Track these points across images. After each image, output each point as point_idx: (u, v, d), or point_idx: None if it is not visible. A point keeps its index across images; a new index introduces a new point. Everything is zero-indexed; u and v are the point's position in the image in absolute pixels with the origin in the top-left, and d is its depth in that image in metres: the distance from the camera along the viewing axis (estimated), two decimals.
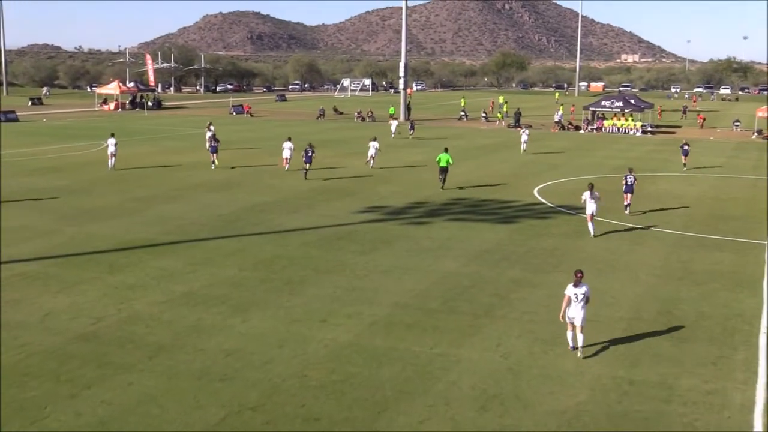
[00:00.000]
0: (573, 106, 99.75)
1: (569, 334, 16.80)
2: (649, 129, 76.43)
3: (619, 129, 76.80)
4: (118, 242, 26.14)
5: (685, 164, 47.72)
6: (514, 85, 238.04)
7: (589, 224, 28.32)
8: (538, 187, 39.61)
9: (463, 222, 30.56)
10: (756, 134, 74.61)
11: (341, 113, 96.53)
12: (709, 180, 43.79)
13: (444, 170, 38.22)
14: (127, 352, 16.34)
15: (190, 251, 25.06)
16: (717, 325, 18.69)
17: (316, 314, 18.92)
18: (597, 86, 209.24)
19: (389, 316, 18.87)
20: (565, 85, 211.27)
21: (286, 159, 43.40)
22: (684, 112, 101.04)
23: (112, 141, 43.64)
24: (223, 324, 18.14)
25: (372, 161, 45.31)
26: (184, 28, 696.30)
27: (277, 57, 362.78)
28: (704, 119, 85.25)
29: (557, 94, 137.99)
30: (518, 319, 18.84)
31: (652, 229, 29.97)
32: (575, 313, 16.42)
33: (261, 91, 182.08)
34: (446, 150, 39.26)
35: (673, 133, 77.90)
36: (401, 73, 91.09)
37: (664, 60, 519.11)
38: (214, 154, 44.61)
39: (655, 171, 46.57)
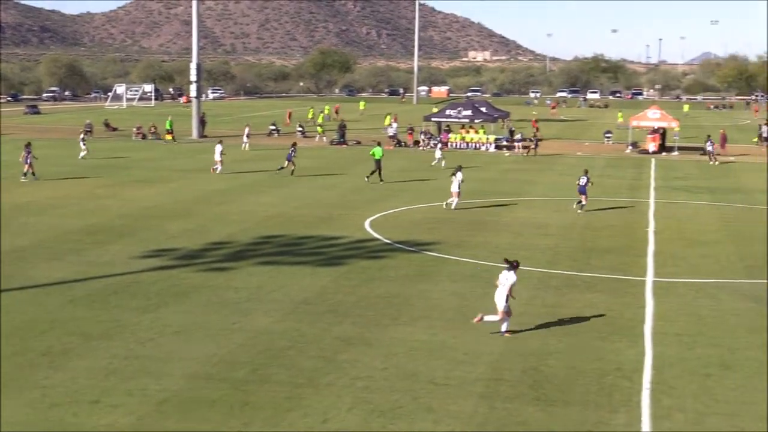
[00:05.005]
0: (396, 115, 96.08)
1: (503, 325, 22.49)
2: (505, 143, 79.35)
3: (468, 144, 79.20)
4: None
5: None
6: (337, 90, 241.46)
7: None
8: (370, 218, 40.22)
9: (277, 266, 30.60)
10: (630, 148, 78.85)
11: (115, 129, 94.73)
12: None
13: (378, 162, 52.58)
14: None
15: None
16: (592, 383, 19.43)
17: (86, 394, 18.40)
18: (440, 91, 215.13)
19: (184, 391, 18.61)
20: (401, 90, 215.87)
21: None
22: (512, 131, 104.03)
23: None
24: None
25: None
26: None
27: (26, 55, 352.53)
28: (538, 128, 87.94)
29: (362, 104, 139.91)
30: (349, 387, 18.97)
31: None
32: (499, 297, 22.51)
33: (5, 100, 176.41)
34: (379, 144, 54.91)
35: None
36: (193, 77, 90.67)
37: (520, 58, 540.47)
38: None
39: (512, 195, 48.30)
